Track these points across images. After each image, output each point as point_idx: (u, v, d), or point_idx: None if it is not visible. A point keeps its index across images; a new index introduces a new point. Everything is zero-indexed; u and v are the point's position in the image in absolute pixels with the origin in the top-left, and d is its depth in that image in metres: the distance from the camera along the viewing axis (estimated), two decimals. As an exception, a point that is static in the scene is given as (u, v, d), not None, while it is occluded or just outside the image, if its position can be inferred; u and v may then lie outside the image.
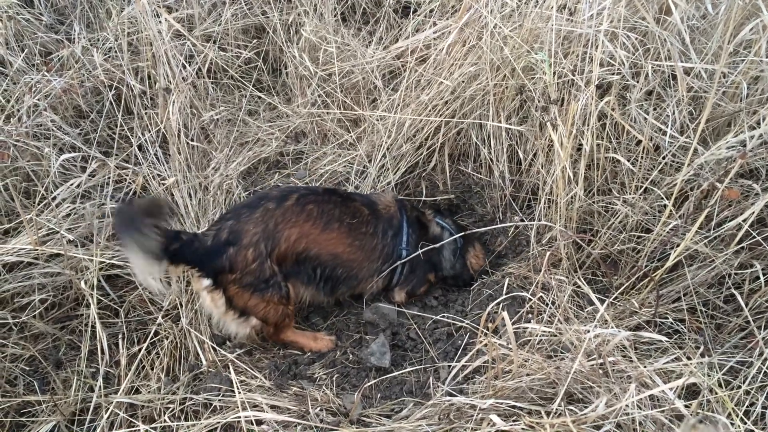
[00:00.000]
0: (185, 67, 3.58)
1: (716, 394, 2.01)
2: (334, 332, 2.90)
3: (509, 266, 3.01)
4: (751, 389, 2.11)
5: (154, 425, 2.26)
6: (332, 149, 3.57)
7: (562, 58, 2.83)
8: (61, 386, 2.51)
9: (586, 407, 1.96)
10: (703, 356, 2.29)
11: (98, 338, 2.53)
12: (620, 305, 2.59)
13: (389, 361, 2.64)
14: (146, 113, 3.47)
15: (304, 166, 3.57)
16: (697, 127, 2.37)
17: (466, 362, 2.21)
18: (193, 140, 3.45)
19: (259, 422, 2.24)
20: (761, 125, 2.42)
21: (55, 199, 2.99)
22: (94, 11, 4.06)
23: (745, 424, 1.99)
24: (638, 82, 2.76)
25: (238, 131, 3.74)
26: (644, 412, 1.89)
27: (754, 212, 2.29)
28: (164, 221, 2.36)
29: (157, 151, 3.37)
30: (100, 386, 2.42)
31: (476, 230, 3.18)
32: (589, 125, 2.64)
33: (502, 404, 2.06)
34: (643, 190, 2.68)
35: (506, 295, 2.37)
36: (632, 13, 2.85)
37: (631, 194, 2.72)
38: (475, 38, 3.15)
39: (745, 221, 2.33)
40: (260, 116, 3.87)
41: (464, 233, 3.09)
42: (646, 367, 2.07)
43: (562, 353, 2.26)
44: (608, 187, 2.87)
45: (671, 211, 2.45)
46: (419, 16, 3.74)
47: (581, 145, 2.68)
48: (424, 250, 2.75)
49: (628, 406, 1.87)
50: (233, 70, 3.98)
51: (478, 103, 3.18)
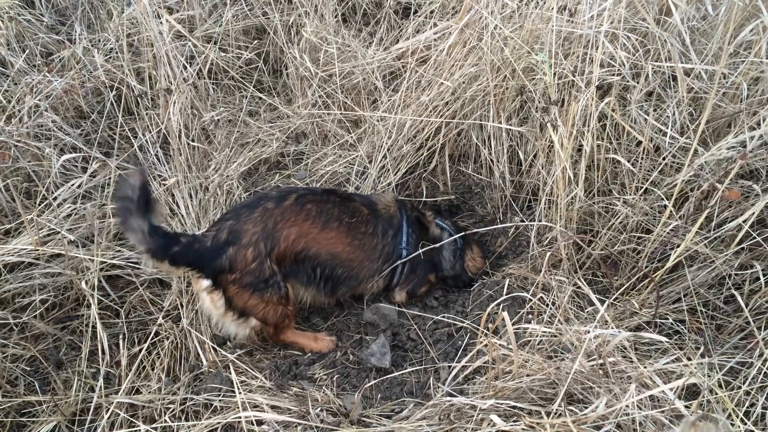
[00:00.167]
0: (186, 67, 3.59)
1: (716, 394, 2.01)
2: (334, 333, 2.90)
3: (509, 267, 3.01)
4: (751, 390, 2.11)
5: (154, 425, 2.26)
6: (333, 150, 3.58)
7: (562, 59, 2.83)
8: (61, 386, 2.51)
9: (586, 407, 1.96)
10: (703, 357, 2.29)
11: (99, 338, 2.54)
12: (620, 306, 2.59)
13: (389, 361, 2.64)
14: (147, 114, 3.47)
15: (304, 166, 3.57)
16: (697, 128, 2.37)
17: (466, 363, 2.21)
18: (193, 141, 3.45)
19: (259, 422, 2.25)
20: (761, 126, 2.42)
21: (56, 199, 3.00)
22: (95, 12, 4.06)
23: (745, 424, 1.99)
24: (638, 83, 2.76)
25: (238, 132, 3.74)
26: (644, 412, 1.90)
27: (754, 213, 2.29)
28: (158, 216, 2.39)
29: (157, 151, 3.38)
30: (100, 386, 2.42)
31: (476, 231, 3.19)
32: (589, 126, 2.64)
33: (502, 404, 2.06)
34: (643, 190, 2.69)
35: (506, 295, 2.37)
36: (632, 14, 2.86)
37: (631, 195, 2.72)
38: (475, 39, 3.15)
39: (745, 222, 2.33)
40: (261, 117, 3.88)
41: (464, 234, 3.09)
42: (646, 367, 2.07)
43: (562, 354, 2.26)
44: (608, 187, 2.87)
45: (671, 211, 2.45)
46: (420, 17, 3.75)
47: (581, 145, 2.69)
48: (424, 249, 2.75)
49: (628, 406, 1.87)
50: (234, 70, 3.98)
51: (478, 103, 3.19)
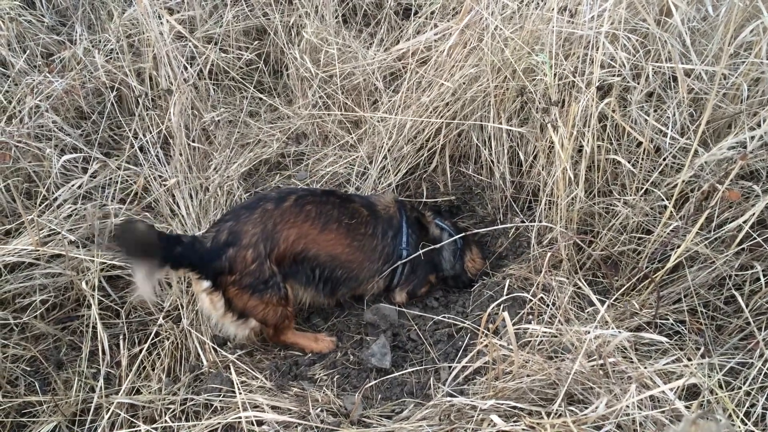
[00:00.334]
0: (186, 68, 3.59)
1: (716, 395, 2.02)
2: (334, 333, 2.90)
3: (510, 267, 3.01)
4: (751, 390, 2.11)
5: (155, 425, 2.26)
6: (333, 151, 3.58)
7: (562, 59, 2.83)
8: (62, 387, 2.51)
9: (586, 408, 1.96)
10: (703, 357, 2.28)
11: (99, 339, 2.54)
12: (621, 306, 2.59)
13: (390, 362, 2.64)
14: (147, 114, 3.47)
15: (305, 167, 3.57)
16: (697, 128, 2.37)
17: (466, 363, 2.21)
18: (194, 141, 3.45)
19: (259, 423, 2.25)
20: (761, 127, 2.42)
21: (56, 200, 3.00)
22: (95, 13, 4.07)
23: (745, 425, 1.99)
24: (639, 83, 2.76)
25: (239, 132, 3.74)
26: (644, 412, 1.89)
27: (754, 213, 2.29)
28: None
29: (158, 152, 3.38)
30: (101, 387, 2.42)
31: (476, 231, 3.19)
32: (589, 127, 2.64)
33: (502, 405, 2.06)
34: (643, 191, 2.69)
35: (507, 296, 2.37)
36: (633, 14, 2.86)
37: (631, 195, 2.72)
38: (476, 40, 3.15)
39: (745, 222, 2.33)
40: (261, 118, 3.88)
41: (464, 234, 3.09)
42: (646, 367, 2.07)
43: (562, 354, 2.26)
44: (609, 188, 2.87)
45: (672, 212, 2.45)
46: (420, 17, 3.75)
47: (582, 146, 2.69)
48: (425, 250, 2.75)
49: (628, 406, 1.87)
50: (234, 71, 3.98)
51: (478, 104, 3.19)
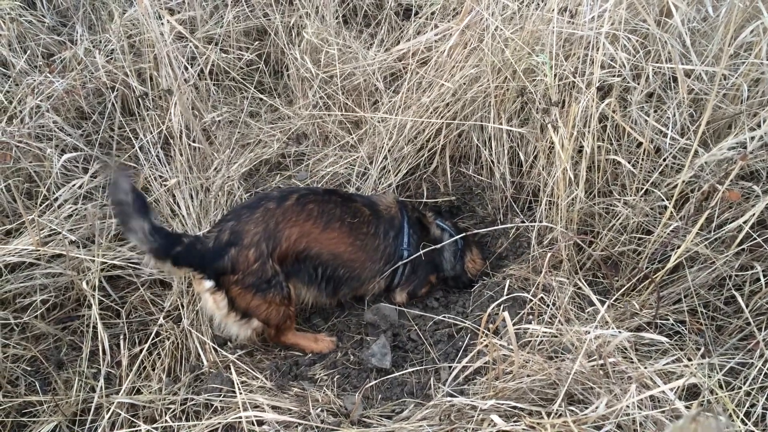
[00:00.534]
0: (187, 68, 3.59)
1: (717, 395, 2.02)
2: (335, 333, 2.90)
3: (510, 268, 3.01)
4: (751, 390, 2.11)
5: (155, 425, 2.26)
6: (333, 151, 3.58)
7: (563, 60, 2.83)
8: (62, 386, 2.51)
9: (586, 408, 1.96)
10: (703, 357, 2.28)
11: (100, 339, 2.54)
12: (621, 306, 2.59)
13: (390, 362, 2.64)
14: (148, 115, 3.47)
15: (305, 167, 3.57)
16: (697, 129, 2.37)
17: (466, 363, 2.21)
18: (194, 142, 3.45)
19: (260, 423, 2.25)
20: (762, 127, 2.42)
21: (57, 200, 3.00)
22: (96, 13, 4.07)
23: (745, 425, 1.99)
24: (639, 84, 2.77)
25: (239, 133, 3.75)
26: (645, 412, 1.89)
27: (754, 214, 2.29)
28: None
29: (158, 152, 3.38)
30: (101, 387, 2.42)
31: (477, 232, 3.19)
32: (589, 127, 2.64)
33: (502, 405, 2.06)
34: (643, 191, 2.69)
35: (507, 296, 2.37)
36: (633, 15, 2.86)
37: (631, 196, 2.72)
38: (476, 40, 3.16)
39: (745, 223, 2.33)
40: (262, 118, 3.88)
41: (465, 234, 3.10)
42: (646, 368, 2.07)
43: (562, 354, 2.27)
44: (609, 188, 2.87)
45: (672, 212, 2.45)
46: (420, 18, 3.75)
47: (582, 146, 2.69)
48: (426, 250, 2.76)
49: (628, 406, 1.87)
50: (235, 71, 3.99)
51: (479, 105, 3.19)
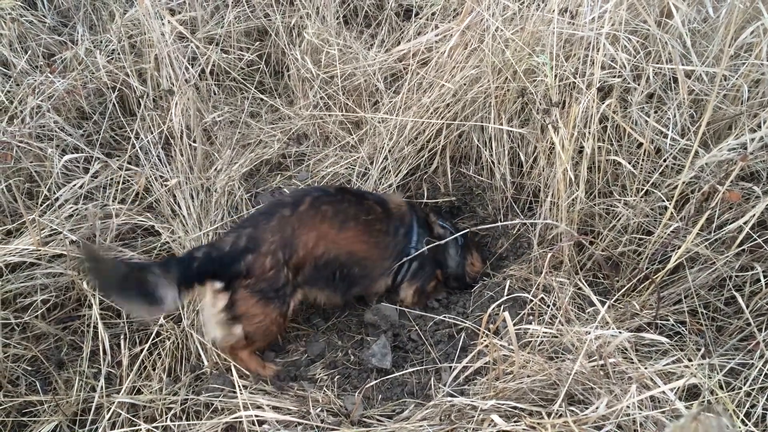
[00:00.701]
0: (188, 69, 3.59)
1: (717, 395, 2.02)
2: (335, 333, 2.91)
3: (510, 268, 3.01)
4: (751, 391, 2.11)
5: (155, 425, 2.26)
6: (334, 151, 3.58)
7: (563, 60, 2.83)
8: (62, 386, 2.52)
9: (587, 408, 1.96)
10: (703, 358, 2.29)
11: (100, 339, 2.54)
12: (621, 307, 2.59)
13: (390, 362, 2.64)
14: (149, 115, 3.48)
15: (306, 168, 3.58)
16: (698, 129, 2.37)
17: (467, 363, 2.21)
18: (195, 142, 3.46)
19: (260, 422, 2.25)
20: (762, 128, 2.43)
21: (57, 200, 3.00)
22: (97, 13, 4.07)
23: (746, 425, 1.99)
24: (639, 84, 2.77)
25: (240, 133, 3.75)
26: (645, 413, 1.90)
27: (754, 215, 2.30)
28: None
29: (159, 152, 3.38)
30: (101, 386, 2.43)
31: (477, 231, 3.19)
32: (590, 128, 2.64)
33: (503, 405, 2.06)
34: (644, 192, 2.69)
35: (507, 296, 2.38)
36: (633, 16, 2.86)
37: (632, 196, 2.72)
38: (476, 41, 3.16)
39: (745, 224, 2.33)
40: (262, 118, 3.88)
41: (465, 232, 3.09)
42: (647, 368, 2.08)
43: (563, 354, 2.27)
44: (609, 189, 2.87)
45: (672, 213, 2.45)
46: (421, 19, 3.75)
47: (582, 147, 2.69)
48: (431, 246, 2.77)
49: (629, 407, 1.87)
50: (236, 72, 3.99)
51: (479, 105, 3.19)
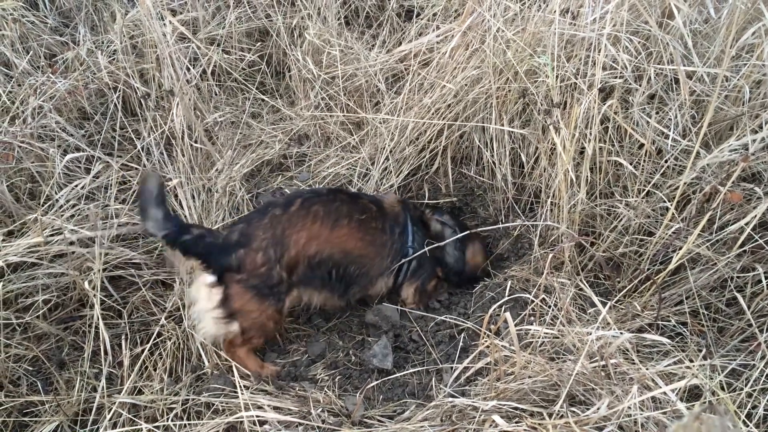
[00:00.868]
0: (189, 69, 3.60)
1: (718, 396, 2.02)
2: (335, 333, 2.91)
3: (511, 269, 3.01)
4: (753, 392, 2.11)
5: (156, 425, 2.27)
6: (335, 152, 3.58)
7: (564, 61, 2.84)
8: (64, 386, 2.52)
9: (588, 409, 1.96)
10: (705, 359, 2.28)
11: (101, 339, 2.53)
12: (623, 308, 2.59)
13: (391, 362, 2.64)
14: (150, 115, 3.48)
15: (307, 168, 3.58)
16: (699, 130, 2.37)
17: (468, 364, 2.21)
18: (196, 142, 3.46)
19: (261, 423, 2.25)
20: (763, 129, 2.43)
21: (59, 200, 3.00)
22: (98, 14, 4.08)
23: (747, 426, 1.99)
24: (641, 85, 2.77)
25: (241, 133, 3.75)
26: (646, 413, 1.89)
27: (756, 215, 2.29)
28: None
29: (162, 152, 3.38)
30: (102, 387, 2.42)
31: (482, 229, 3.19)
32: (591, 128, 2.64)
33: (504, 406, 2.06)
34: (645, 193, 2.69)
35: (508, 297, 2.37)
36: (635, 17, 2.86)
37: (633, 197, 2.72)
38: (478, 42, 3.16)
39: (747, 224, 2.33)
40: (264, 119, 3.89)
41: (465, 229, 3.09)
42: (648, 369, 2.07)
43: (564, 355, 2.26)
44: (611, 190, 2.87)
45: (673, 214, 2.45)
46: (422, 19, 3.76)
47: (584, 148, 2.69)
48: (429, 248, 2.77)
49: (630, 407, 1.87)
50: (237, 72, 3.99)
51: (480, 106, 3.19)
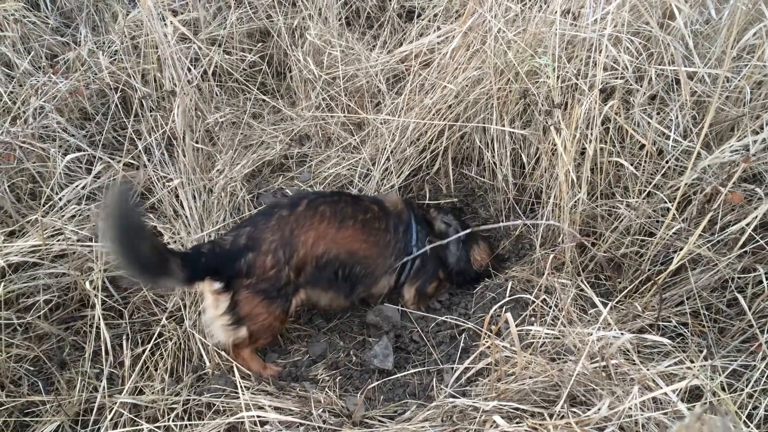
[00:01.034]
0: (190, 70, 3.60)
1: (719, 397, 2.02)
2: (336, 333, 2.91)
3: (513, 269, 3.01)
4: (754, 392, 2.11)
5: (157, 425, 2.27)
6: (336, 152, 3.59)
7: (565, 62, 2.84)
8: (65, 386, 2.52)
9: (588, 409, 1.96)
10: (706, 359, 2.29)
11: (102, 339, 2.53)
12: (623, 308, 2.59)
13: (392, 363, 2.65)
14: (151, 116, 3.48)
15: (308, 169, 3.58)
16: (700, 131, 2.38)
17: (469, 364, 2.22)
18: (197, 143, 3.46)
19: (262, 423, 2.25)
20: (765, 129, 2.43)
21: (60, 200, 3.01)
22: (100, 14, 4.08)
23: (748, 427, 1.99)
24: (642, 86, 2.77)
25: (242, 134, 3.75)
26: (647, 414, 1.89)
27: (757, 216, 2.30)
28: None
29: (163, 152, 3.38)
30: (104, 387, 2.42)
31: (482, 228, 3.19)
32: (592, 129, 2.64)
33: (505, 406, 2.06)
34: (646, 193, 2.69)
35: (509, 297, 2.37)
36: (636, 17, 2.86)
37: (634, 198, 2.73)
38: (479, 42, 3.16)
39: (748, 225, 2.33)
40: (264, 119, 3.89)
41: (468, 228, 3.08)
42: (649, 369, 2.07)
43: (565, 356, 2.26)
44: (611, 190, 2.88)
45: (674, 214, 2.46)
46: (423, 20, 3.76)
47: (584, 149, 2.69)
48: (431, 246, 2.77)
49: (630, 408, 1.87)
50: (238, 73, 3.99)
51: (481, 106, 3.19)
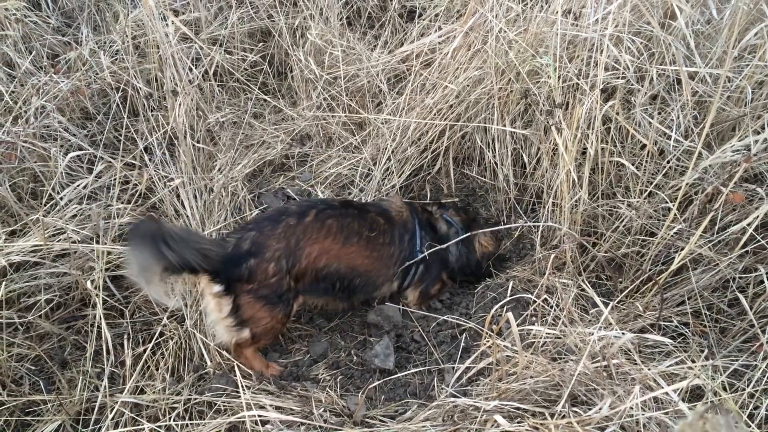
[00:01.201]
0: (191, 69, 3.60)
1: (720, 396, 2.02)
2: (337, 333, 2.91)
3: (514, 269, 3.01)
4: (755, 392, 2.11)
5: (158, 425, 2.27)
6: (337, 152, 3.59)
7: (566, 62, 2.84)
8: (66, 386, 2.52)
9: (590, 409, 1.96)
10: (707, 359, 2.28)
11: (104, 338, 2.54)
12: (624, 308, 2.59)
13: (393, 362, 2.65)
14: (153, 115, 3.48)
15: (309, 168, 3.58)
16: (701, 131, 2.38)
17: (470, 364, 2.21)
18: (199, 142, 3.46)
19: (263, 422, 2.25)
20: (766, 129, 2.43)
21: (62, 199, 3.01)
22: (101, 14, 4.09)
23: (749, 427, 1.99)
24: (643, 86, 2.77)
25: (243, 134, 3.76)
26: (648, 414, 1.89)
27: (758, 216, 2.30)
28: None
29: (164, 152, 3.39)
30: (105, 386, 2.43)
31: (488, 229, 3.18)
32: (593, 129, 2.64)
33: (506, 406, 2.06)
34: (647, 193, 2.69)
35: (510, 297, 2.37)
36: (637, 17, 2.86)
37: (635, 198, 2.72)
38: (480, 42, 3.16)
39: (749, 225, 2.33)
40: (266, 119, 3.89)
41: (470, 222, 3.09)
42: (650, 369, 2.07)
43: (566, 355, 2.27)
44: (612, 190, 2.88)
45: (675, 214, 2.46)
46: (424, 20, 3.76)
47: (586, 148, 2.69)
48: (434, 249, 2.77)
49: (632, 408, 1.87)
50: (239, 73, 4.00)
51: (482, 106, 3.19)
